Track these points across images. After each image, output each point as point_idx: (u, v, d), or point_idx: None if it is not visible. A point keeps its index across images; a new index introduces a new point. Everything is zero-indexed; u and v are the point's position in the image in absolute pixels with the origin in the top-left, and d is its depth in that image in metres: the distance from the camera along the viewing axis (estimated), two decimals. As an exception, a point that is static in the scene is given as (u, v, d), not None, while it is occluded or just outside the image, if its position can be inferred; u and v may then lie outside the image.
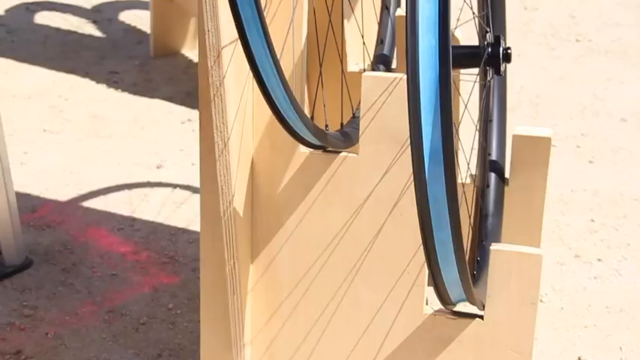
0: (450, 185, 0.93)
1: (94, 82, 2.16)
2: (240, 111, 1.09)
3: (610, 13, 2.44)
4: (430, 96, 0.92)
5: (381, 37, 1.35)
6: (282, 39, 1.05)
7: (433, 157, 0.92)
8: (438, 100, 0.92)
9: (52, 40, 2.34)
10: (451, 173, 0.93)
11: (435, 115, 0.92)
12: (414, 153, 0.91)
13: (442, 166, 0.92)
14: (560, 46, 2.31)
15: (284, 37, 1.06)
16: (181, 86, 2.17)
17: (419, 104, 0.90)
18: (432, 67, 0.90)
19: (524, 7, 2.51)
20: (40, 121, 1.99)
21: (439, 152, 0.93)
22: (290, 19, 1.05)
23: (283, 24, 1.06)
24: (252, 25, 0.92)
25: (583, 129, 1.95)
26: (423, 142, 0.92)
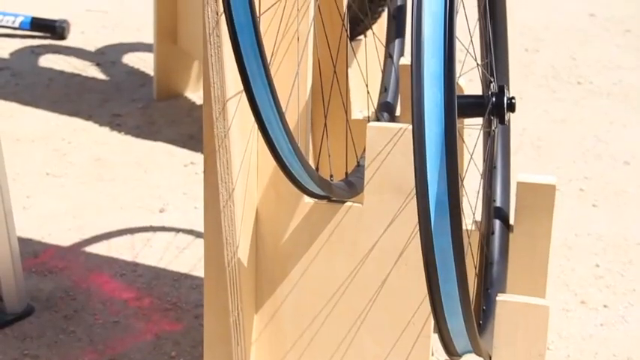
0: (456, 238, 0.93)
1: (97, 124, 2.17)
2: (245, 162, 1.09)
3: (610, 56, 2.45)
4: (436, 150, 0.92)
5: (384, 85, 1.36)
6: (287, 89, 1.06)
7: (439, 211, 0.92)
8: (444, 155, 0.92)
9: (55, 82, 2.35)
10: (457, 227, 0.92)
11: (440, 170, 0.92)
12: (419, 207, 0.91)
13: (448, 219, 0.92)
14: (562, 88, 2.32)
15: (289, 87, 1.06)
16: (184, 129, 2.18)
17: (425, 159, 0.91)
18: (438, 121, 0.90)
19: (525, 49, 2.53)
20: (43, 164, 2.00)
21: (445, 205, 0.93)
22: (295, 70, 1.06)
23: (288, 75, 1.06)
24: (258, 78, 0.93)
25: (586, 172, 1.95)
26: (429, 197, 0.92)
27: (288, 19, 1.07)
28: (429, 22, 0.91)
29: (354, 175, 1.18)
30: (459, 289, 0.92)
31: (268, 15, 1.06)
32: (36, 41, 2.55)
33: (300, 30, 1.05)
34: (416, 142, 0.91)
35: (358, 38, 1.53)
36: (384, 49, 1.38)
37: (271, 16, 1.05)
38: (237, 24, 0.91)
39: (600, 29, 2.62)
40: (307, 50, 1.06)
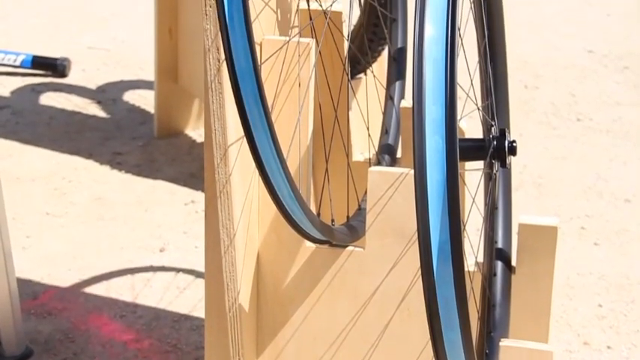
0: (459, 287, 0.93)
1: (98, 163, 2.17)
2: (246, 206, 1.09)
3: (609, 92, 2.46)
4: (438, 198, 0.92)
5: (385, 127, 1.36)
6: (288, 135, 1.06)
7: (442, 259, 0.91)
8: (446, 203, 0.91)
9: (56, 121, 2.36)
10: (460, 275, 0.92)
11: (442, 218, 0.92)
12: (422, 256, 0.91)
13: (451, 267, 0.92)
14: (562, 125, 2.32)
15: (290, 133, 1.06)
16: (185, 167, 2.18)
17: (427, 207, 0.90)
18: (440, 169, 0.90)
19: (525, 85, 2.54)
20: (43, 203, 1.99)
21: (448, 254, 0.92)
22: (296, 116, 1.06)
23: (289, 120, 1.07)
24: (259, 125, 0.93)
25: (587, 210, 1.95)
26: (431, 245, 0.92)
27: (290, 64, 1.07)
28: (430, 69, 0.92)
29: (355, 219, 1.18)
30: (462, 337, 0.92)
31: (269, 60, 1.06)
32: (37, 79, 2.56)
33: (301, 75, 1.05)
34: (418, 189, 0.91)
35: (358, 77, 1.54)
36: (384, 91, 1.38)
37: (272, 62, 1.06)
38: (238, 71, 0.92)
39: (599, 65, 2.63)
40: (308, 96, 1.07)
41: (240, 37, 0.90)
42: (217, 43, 0.99)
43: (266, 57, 1.05)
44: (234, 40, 0.90)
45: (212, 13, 0.97)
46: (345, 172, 1.22)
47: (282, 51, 1.06)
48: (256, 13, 1.03)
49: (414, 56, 0.93)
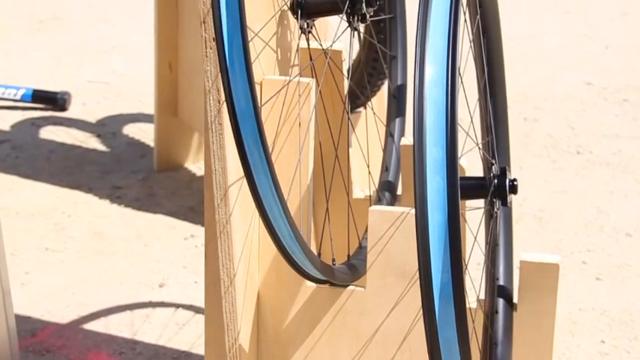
0: (461, 327, 0.92)
1: (98, 197, 2.17)
2: (247, 246, 1.08)
3: (609, 125, 2.47)
4: (439, 239, 0.91)
5: (386, 164, 1.36)
6: (288, 176, 1.06)
7: (443, 300, 0.91)
8: (447, 245, 0.91)
9: (56, 155, 2.36)
10: (462, 316, 0.91)
11: (444, 258, 0.92)
12: (424, 297, 0.90)
13: (453, 308, 0.91)
14: (561, 158, 2.32)
15: (291, 174, 1.06)
16: (184, 201, 2.18)
17: (428, 248, 0.90)
18: (441, 210, 0.90)
19: (524, 118, 2.54)
20: (42, 239, 1.99)
21: (449, 295, 0.92)
22: (297, 156, 1.06)
23: (290, 160, 1.06)
24: (260, 167, 0.93)
25: (588, 244, 1.95)
26: (432, 287, 0.91)
27: (290, 103, 1.07)
28: (430, 110, 0.92)
29: (356, 257, 1.18)
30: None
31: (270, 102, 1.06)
32: (37, 113, 2.56)
33: (302, 115, 1.05)
34: (419, 230, 0.91)
35: (358, 110, 1.54)
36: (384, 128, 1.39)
37: (273, 101, 1.06)
38: (238, 113, 0.92)
39: (598, 98, 2.64)
40: (309, 136, 1.07)
41: (240, 79, 0.90)
42: (218, 85, 0.99)
43: (266, 96, 1.05)
44: (234, 82, 0.90)
45: (212, 54, 0.97)
46: (345, 209, 1.22)
47: (282, 90, 1.06)
48: (256, 53, 1.04)
49: (415, 97, 0.93)
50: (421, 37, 0.95)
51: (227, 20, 0.88)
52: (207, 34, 0.97)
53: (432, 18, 0.96)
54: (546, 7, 3.47)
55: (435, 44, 0.95)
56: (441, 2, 0.96)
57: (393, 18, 1.39)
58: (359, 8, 1.09)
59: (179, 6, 2.16)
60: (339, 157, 1.22)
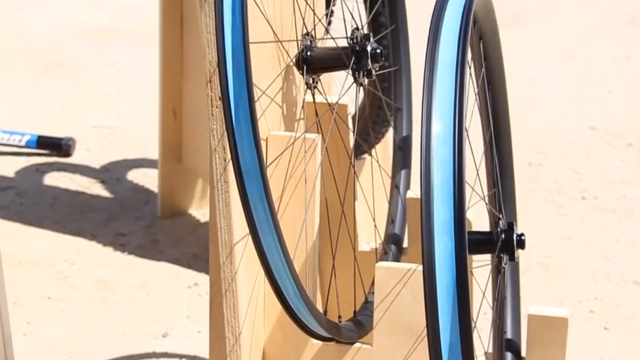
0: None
1: (101, 244, 2.16)
2: (252, 303, 1.07)
3: (614, 170, 2.46)
4: (447, 299, 0.90)
5: (391, 217, 1.35)
6: (294, 233, 1.05)
7: None
8: (455, 304, 0.90)
9: (60, 201, 2.35)
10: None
11: (452, 318, 0.91)
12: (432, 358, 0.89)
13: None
14: (567, 203, 2.31)
15: (297, 231, 1.05)
16: (188, 248, 2.17)
17: (436, 309, 0.89)
18: (449, 271, 0.89)
19: (529, 162, 2.54)
20: (45, 287, 1.97)
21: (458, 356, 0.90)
22: (303, 212, 1.05)
23: (296, 217, 1.06)
24: (265, 226, 0.92)
25: (596, 292, 1.93)
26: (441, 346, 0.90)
27: (296, 158, 1.07)
28: (438, 170, 0.91)
29: (362, 314, 1.16)
30: None
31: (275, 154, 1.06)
32: (41, 159, 2.56)
33: (308, 172, 1.05)
34: (427, 291, 0.90)
35: (362, 157, 1.54)
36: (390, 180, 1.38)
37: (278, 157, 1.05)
38: (244, 172, 0.91)
39: (602, 143, 2.63)
40: (315, 193, 1.06)
41: (246, 138, 0.90)
42: (224, 143, 0.98)
43: (272, 152, 1.05)
44: (240, 141, 0.90)
45: (218, 113, 0.97)
46: (351, 263, 1.21)
47: (288, 145, 1.06)
48: (262, 109, 1.04)
49: (422, 156, 0.92)
50: (427, 94, 0.95)
51: (233, 80, 0.88)
52: (214, 92, 0.97)
53: (439, 74, 0.96)
54: (548, 49, 3.49)
55: (441, 101, 0.94)
56: (447, 58, 0.96)
57: (398, 70, 1.40)
58: (364, 64, 1.09)
59: (184, 54, 2.17)
60: (345, 209, 1.22)
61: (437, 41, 0.97)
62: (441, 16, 1.00)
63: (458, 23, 0.98)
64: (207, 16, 0.93)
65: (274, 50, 1.06)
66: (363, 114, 1.50)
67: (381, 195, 1.39)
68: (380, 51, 1.09)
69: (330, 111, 1.10)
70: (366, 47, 1.08)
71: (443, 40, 0.97)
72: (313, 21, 1.11)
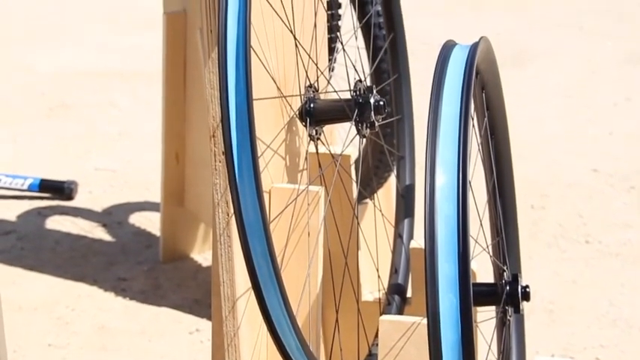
0: None
1: (102, 289, 2.14)
2: (254, 357, 1.06)
3: (617, 213, 2.45)
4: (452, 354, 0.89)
5: (395, 266, 1.34)
6: (297, 287, 1.04)
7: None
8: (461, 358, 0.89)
9: (61, 246, 2.35)
10: None
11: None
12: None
13: None
14: (571, 247, 2.30)
15: (300, 285, 1.04)
16: (190, 293, 2.15)
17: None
18: (454, 328, 0.88)
19: (531, 205, 2.53)
20: (45, 334, 1.96)
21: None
22: (306, 265, 1.05)
23: (299, 271, 1.05)
24: (269, 282, 0.91)
25: (601, 339, 1.91)
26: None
27: (299, 210, 1.06)
28: (442, 225, 0.91)
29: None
30: None
31: (279, 206, 1.06)
32: (43, 202, 2.56)
33: (311, 224, 1.05)
34: (432, 347, 0.89)
35: (365, 202, 1.53)
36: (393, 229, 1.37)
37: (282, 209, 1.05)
38: (247, 227, 0.91)
39: (605, 185, 2.63)
40: (318, 247, 1.05)
41: (249, 194, 0.90)
42: (227, 197, 0.98)
43: (275, 205, 1.04)
44: (243, 197, 0.90)
45: (221, 167, 0.97)
46: (354, 312, 1.20)
47: (291, 198, 1.05)
48: (265, 162, 1.03)
49: (426, 211, 0.92)
50: (431, 149, 0.95)
51: (237, 136, 0.88)
52: (217, 147, 0.97)
53: (442, 129, 0.96)
54: (548, 90, 3.50)
55: (444, 156, 0.94)
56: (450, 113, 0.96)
57: (401, 119, 1.40)
58: (367, 116, 1.09)
59: (186, 99, 2.18)
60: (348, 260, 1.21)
61: (440, 96, 0.97)
62: (443, 69, 1.00)
63: (460, 78, 0.98)
64: (210, 72, 0.93)
65: (277, 103, 1.06)
66: (365, 158, 1.50)
67: (384, 243, 1.39)
68: (383, 103, 1.09)
69: (334, 163, 1.10)
70: (369, 99, 1.08)
71: (446, 95, 0.97)
72: (316, 73, 1.11)
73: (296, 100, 1.12)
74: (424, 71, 3.17)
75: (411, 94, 1.42)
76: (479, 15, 4.90)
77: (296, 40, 1.04)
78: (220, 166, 0.98)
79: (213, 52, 0.96)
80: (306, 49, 1.12)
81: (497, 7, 5.09)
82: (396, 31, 1.37)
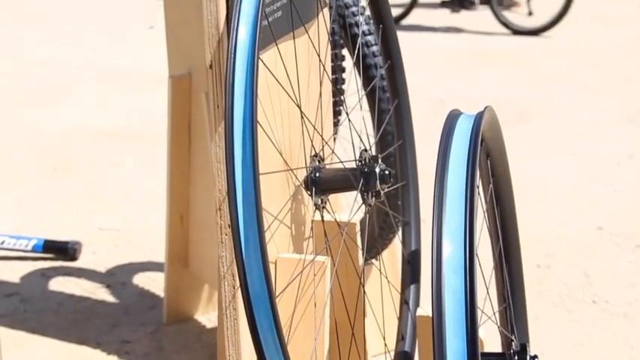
0: None
1: (105, 353, 2.12)
2: None
3: (623, 273, 2.44)
4: None
5: (401, 333, 1.33)
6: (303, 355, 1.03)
7: None
8: None
9: (65, 307, 2.33)
10: None
11: None
12: None
13: None
14: (577, 307, 2.28)
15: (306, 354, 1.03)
16: (194, 355, 2.13)
17: None
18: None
19: (537, 264, 2.52)
20: (47, 400, 1.93)
21: None
22: (312, 334, 1.04)
23: (305, 339, 1.04)
24: (276, 357, 0.90)
25: (611, 403, 1.88)
26: None
27: (305, 280, 1.06)
28: (449, 299, 0.90)
29: None
30: None
31: (285, 276, 1.05)
32: (47, 263, 2.56)
33: (317, 294, 1.04)
34: None
35: (369, 262, 1.52)
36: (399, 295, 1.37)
37: (288, 279, 1.05)
38: (253, 301, 0.90)
39: (610, 244, 2.62)
40: (324, 318, 1.05)
41: (255, 268, 0.89)
42: (233, 270, 0.98)
43: (281, 275, 1.04)
44: (249, 271, 0.89)
45: (227, 241, 0.97)
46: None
47: (297, 269, 1.05)
48: (271, 233, 1.03)
49: (433, 284, 0.91)
50: (437, 219, 0.95)
51: (243, 210, 0.88)
52: (223, 220, 0.97)
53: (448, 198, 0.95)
54: (551, 147, 3.52)
55: (451, 227, 0.94)
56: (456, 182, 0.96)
57: (406, 185, 1.40)
58: (373, 185, 1.09)
59: (191, 161, 2.19)
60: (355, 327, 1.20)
61: (445, 167, 0.97)
62: (449, 140, 1.00)
63: (466, 149, 0.99)
64: (217, 146, 0.94)
65: (283, 173, 1.07)
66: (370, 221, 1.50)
67: (389, 309, 1.38)
68: (388, 172, 1.10)
69: (340, 233, 1.10)
70: (374, 169, 1.09)
71: (452, 166, 0.97)
72: (321, 142, 1.12)
73: (301, 170, 1.12)
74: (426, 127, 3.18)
75: (415, 160, 1.42)
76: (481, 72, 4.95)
77: (302, 113, 1.05)
78: (226, 239, 0.98)
79: (220, 126, 0.96)
80: (312, 116, 1.13)
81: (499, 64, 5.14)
82: (400, 98, 1.38)
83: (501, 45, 5.79)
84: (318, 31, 1.10)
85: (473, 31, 6.33)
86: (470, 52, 5.55)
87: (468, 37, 6.12)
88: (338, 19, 1.48)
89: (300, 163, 1.12)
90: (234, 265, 0.98)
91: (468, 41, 5.98)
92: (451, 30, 6.41)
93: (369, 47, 1.45)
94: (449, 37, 6.18)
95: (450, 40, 6.03)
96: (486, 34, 6.19)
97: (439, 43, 5.91)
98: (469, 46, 5.81)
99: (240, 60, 0.84)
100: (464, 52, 5.56)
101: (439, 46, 5.82)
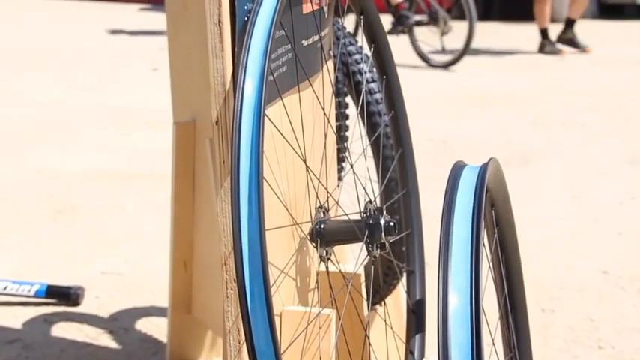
0: None
1: (107, 401, 2.10)
2: None
3: (629, 317, 2.42)
4: None
5: (407, 384, 1.32)
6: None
7: None
8: None
9: (67, 354, 2.31)
10: None
11: None
12: None
13: None
14: (583, 353, 2.26)
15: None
16: (196, 404, 2.11)
17: None
18: None
19: (542, 309, 2.51)
20: None
21: None
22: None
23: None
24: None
25: None
26: None
27: (311, 332, 1.05)
28: (456, 354, 0.90)
29: None
30: None
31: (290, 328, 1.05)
32: (50, 309, 2.54)
33: (322, 348, 1.03)
34: None
35: (374, 309, 1.52)
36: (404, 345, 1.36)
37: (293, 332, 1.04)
38: (259, 355, 0.90)
39: (615, 288, 2.61)
40: (330, 372, 1.04)
41: (261, 323, 0.89)
42: (238, 325, 0.97)
43: (286, 328, 1.04)
44: (255, 326, 0.89)
45: (233, 295, 0.96)
46: None
47: (302, 322, 1.05)
48: (276, 286, 1.03)
49: (439, 338, 0.91)
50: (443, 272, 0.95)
51: (249, 265, 0.88)
52: (229, 275, 0.97)
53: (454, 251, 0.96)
54: (553, 190, 3.52)
55: (457, 280, 0.94)
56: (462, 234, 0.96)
57: (410, 233, 1.40)
58: (378, 237, 1.09)
59: (195, 207, 2.19)
60: None
61: (450, 219, 0.98)
62: (454, 192, 1.01)
63: (471, 201, 0.99)
64: (223, 201, 0.94)
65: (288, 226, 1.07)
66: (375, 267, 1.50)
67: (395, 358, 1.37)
68: (393, 224, 1.10)
69: (345, 285, 1.10)
70: (379, 221, 1.09)
71: (457, 219, 0.98)
72: (326, 194, 1.12)
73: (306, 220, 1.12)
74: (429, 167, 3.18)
75: (420, 208, 1.42)
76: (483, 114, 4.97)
77: (307, 167, 1.06)
78: (232, 293, 0.97)
79: (226, 181, 0.97)
80: (316, 168, 1.13)
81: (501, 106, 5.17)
82: (403, 148, 1.39)
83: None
84: (322, 85, 1.11)
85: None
86: (467, 96, 5.59)
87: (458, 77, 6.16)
88: (342, 67, 1.49)
89: (304, 214, 1.12)
90: (239, 320, 0.98)
91: (465, 84, 6.01)
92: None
93: (372, 95, 1.46)
94: (443, 75, 6.22)
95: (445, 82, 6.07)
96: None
97: (434, 85, 5.94)
98: (466, 90, 5.85)
99: (247, 117, 0.85)
100: (461, 96, 5.59)
101: (432, 87, 5.86)
